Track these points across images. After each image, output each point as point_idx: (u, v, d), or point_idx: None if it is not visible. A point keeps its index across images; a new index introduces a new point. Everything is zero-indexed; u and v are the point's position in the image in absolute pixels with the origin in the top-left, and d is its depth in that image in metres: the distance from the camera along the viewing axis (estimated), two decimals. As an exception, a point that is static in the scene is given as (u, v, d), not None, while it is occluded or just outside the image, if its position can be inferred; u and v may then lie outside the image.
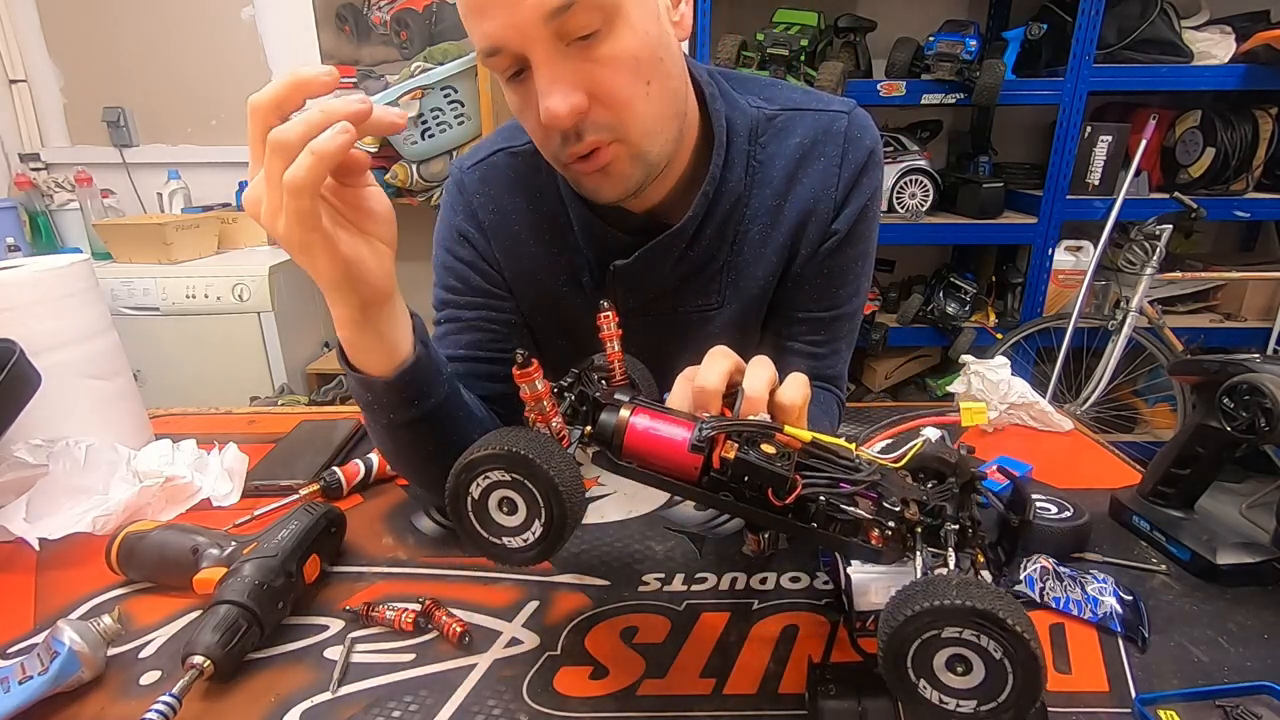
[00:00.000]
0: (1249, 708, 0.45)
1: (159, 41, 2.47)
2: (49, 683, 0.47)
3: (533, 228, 0.73)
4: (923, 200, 2.24)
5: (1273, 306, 2.35)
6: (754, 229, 0.72)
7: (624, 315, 0.71)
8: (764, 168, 0.71)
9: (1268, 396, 0.56)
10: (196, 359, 2.16)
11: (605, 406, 0.46)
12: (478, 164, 0.75)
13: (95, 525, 0.67)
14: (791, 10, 2.07)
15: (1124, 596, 0.56)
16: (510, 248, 0.74)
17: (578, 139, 0.58)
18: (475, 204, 0.74)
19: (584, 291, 0.75)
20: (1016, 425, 0.91)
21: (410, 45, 2.42)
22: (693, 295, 0.75)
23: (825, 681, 0.45)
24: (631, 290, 0.73)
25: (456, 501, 0.42)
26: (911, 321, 2.37)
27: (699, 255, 0.71)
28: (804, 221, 0.72)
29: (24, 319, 0.72)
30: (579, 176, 0.63)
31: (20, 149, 2.57)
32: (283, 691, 0.50)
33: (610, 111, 0.57)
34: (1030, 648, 0.35)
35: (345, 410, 1.03)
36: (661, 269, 0.71)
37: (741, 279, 0.74)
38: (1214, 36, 2.08)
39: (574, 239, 0.73)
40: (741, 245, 0.72)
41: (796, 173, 0.71)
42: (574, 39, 0.54)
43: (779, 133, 0.71)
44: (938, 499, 0.43)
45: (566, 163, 0.61)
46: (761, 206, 0.72)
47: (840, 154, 0.71)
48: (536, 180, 0.72)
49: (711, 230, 0.70)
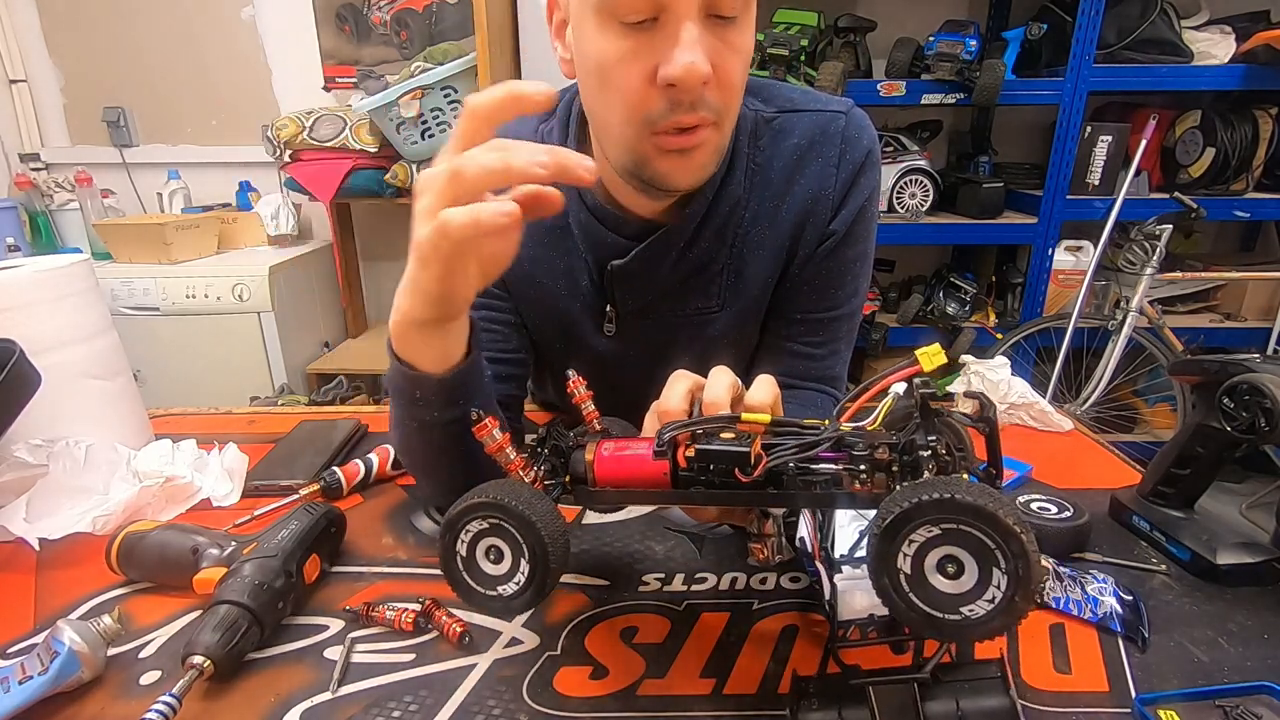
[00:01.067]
0: (1249, 708, 0.45)
1: (159, 41, 2.48)
2: (49, 683, 0.47)
3: (531, 231, 0.72)
4: (923, 200, 2.24)
5: (1273, 306, 2.35)
6: (753, 231, 0.72)
7: (624, 318, 0.72)
8: (762, 170, 0.71)
9: (1268, 396, 0.56)
10: (196, 359, 2.16)
11: (574, 449, 0.48)
12: None
13: (95, 525, 0.67)
14: (791, 10, 2.07)
15: (1124, 596, 0.56)
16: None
17: (690, 109, 0.56)
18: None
19: (583, 295, 0.75)
20: (1016, 425, 0.91)
21: (410, 45, 2.43)
22: (693, 297, 0.74)
23: (808, 695, 0.45)
24: (630, 292, 0.73)
25: (450, 565, 0.45)
26: (911, 321, 2.37)
27: (697, 256, 0.71)
28: (802, 222, 0.72)
29: (24, 319, 0.72)
30: (657, 155, 0.60)
31: (20, 149, 2.57)
32: (283, 691, 0.50)
33: (722, 95, 0.57)
34: (1022, 543, 0.33)
35: (345, 410, 1.03)
36: (660, 269, 0.71)
37: (741, 281, 0.74)
38: (1214, 36, 2.08)
39: (573, 242, 0.73)
40: (741, 248, 0.72)
41: (794, 174, 0.71)
42: (717, 15, 0.54)
43: (777, 134, 0.71)
44: (905, 435, 0.43)
45: (661, 131, 0.58)
46: (761, 209, 0.71)
47: (838, 154, 0.71)
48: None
49: (710, 232, 0.70)
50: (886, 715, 0.41)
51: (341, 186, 2.20)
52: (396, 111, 2.03)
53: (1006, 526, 0.34)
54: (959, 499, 0.34)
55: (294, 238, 2.49)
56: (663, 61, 0.54)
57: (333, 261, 2.53)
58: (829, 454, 0.43)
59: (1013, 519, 0.34)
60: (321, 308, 2.50)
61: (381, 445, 0.80)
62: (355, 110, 2.12)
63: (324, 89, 2.49)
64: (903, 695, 0.41)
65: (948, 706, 0.41)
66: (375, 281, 2.75)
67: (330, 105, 2.39)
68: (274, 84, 2.52)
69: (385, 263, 2.73)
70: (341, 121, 2.19)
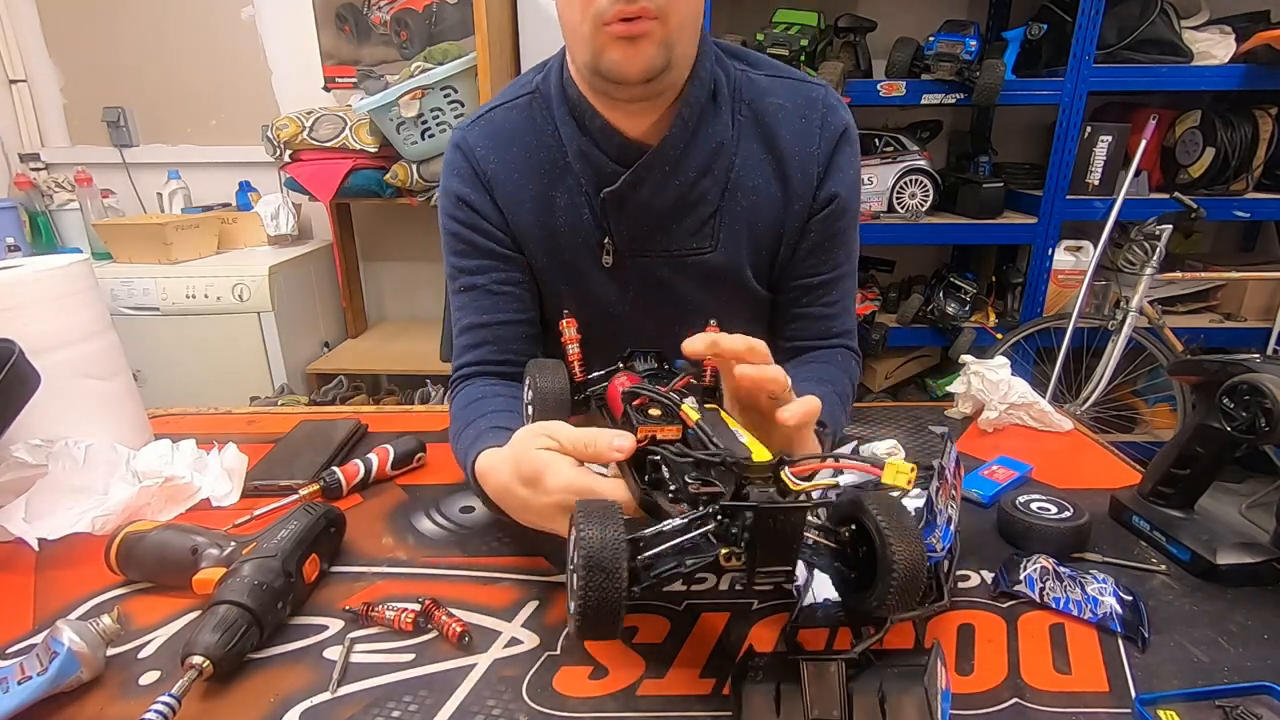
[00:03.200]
0: (1249, 708, 0.45)
1: (159, 41, 2.47)
2: (48, 683, 0.47)
3: (534, 170, 0.78)
4: (923, 200, 2.24)
5: (1273, 306, 2.35)
6: (745, 178, 0.77)
7: (621, 252, 0.80)
8: (749, 121, 0.77)
9: (1268, 396, 0.56)
10: (196, 359, 2.16)
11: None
12: (477, 120, 0.80)
13: (95, 525, 0.67)
14: (791, 10, 2.07)
15: (1124, 596, 0.56)
16: (513, 193, 0.78)
17: (630, 1, 0.63)
18: (478, 155, 0.78)
19: (584, 229, 0.79)
20: (1016, 425, 0.91)
21: (410, 45, 2.42)
22: (685, 235, 0.79)
23: (756, 668, 0.48)
24: (624, 220, 0.77)
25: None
26: (911, 322, 2.36)
27: (686, 187, 0.76)
28: (789, 175, 0.78)
29: (24, 319, 0.72)
30: (610, 41, 0.66)
31: (20, 149, 2.57)
32: (282, 691, 0.50)
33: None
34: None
35: (345, 410, 1.03)
36: (649, 194, 0.75)
37: (736, 223, 0.79)
38: (1214, 36, 2.08)
39: (573, 179, 0.77)
40: (735, 192, 0.78)
41: (780, 128, 0.77)
42: None
43: (763, 91, 0.78)
44: (709, 493, 0.45)
45: (608, 21, 0.64)
46: (751, 156, 0.77)
47: (820, 119, 0.78)
48: (532, 127, 0.77)
49: (697, 162, 0.75)
50: (815, 690, 0.44)
51: (341, 186, 2.20)
52: (396, 111, 2.03)
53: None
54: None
55: (294, 238, 2.49)
56: None
57: (333, 261, 2.53)
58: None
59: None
60: (321, 308, 2.50)
61: (381, 445, 0.80)
62: (355, 110, 2.12)
63: (324, 89, 2.49)
64: (832, 673, 0.45)
65: (870, 686, 0.45)
66: (375, 281, 2.75)
67: (330, 105, 2.39)
68: (274, 84, 2.52)
69: (385, 263, 2.73)
70: (341, 121, 2.19)
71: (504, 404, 0.73)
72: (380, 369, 2.41)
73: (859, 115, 1.57)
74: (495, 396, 0.75)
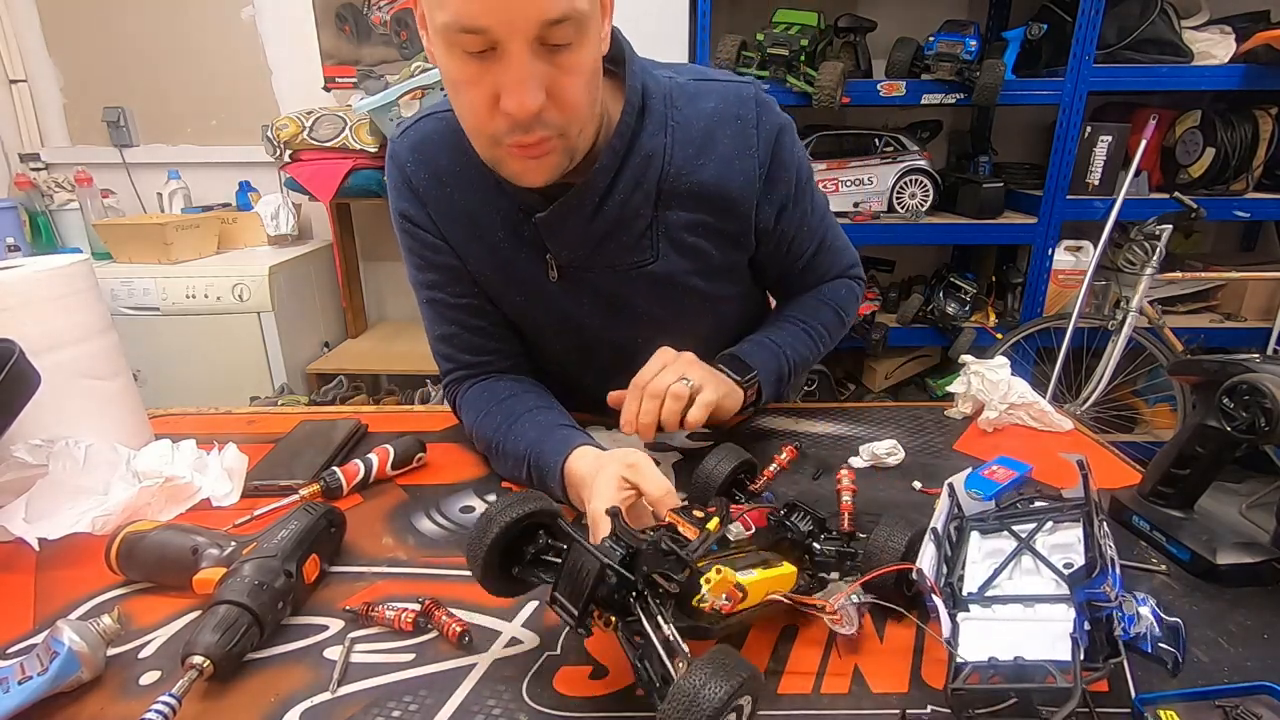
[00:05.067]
0: (1249, 708, 0.45)
1: (159, 41, 2.47)
2: (49, 683, 0.47)
3: (467, 184, 0.77)
4: (923, 200, 2.24)
5: (1273, 306, 2.35)
6: (678, 182, 0.76)
7: (565, 269, 0.80)
8: (681, 128, 0.76)
9: (1268, 396, 0.56)
10: (196, 359, 2.16)
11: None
12: (405, 131, 0.80)
13: (95, 525, 0.67)
14: (791, 10, 2.07)
15: (1165, 618, 0.52)
16: (447, 210, 0.78)
17: (528, 131, 0.63)
18: (408, 172, 0.78)
19: (526, 243, 0.78)
20: (1016, 425, 0.91)
21: (410, 45, 2.42)
22: (625, 251, 0.79)
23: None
24: (560, 244, 0.77)
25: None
26: (911, 321, 2.36)
27: (618, 209, 0.75)
28: (730, 176, 0.77)
29: (24, 319, 0.72)
30: (508, 159, 0.67)
31: (20, 149, 2.57)
32: (282, 691, 0.50)
33: (562, 113, 0.63)
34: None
35: (345, 410, 1.03)
36: (579, 223, 0.75)
37: (671, 230, 0.79)
38: (1214, 36, 2.08)
39: (505, 197, 0.77)
40: (668, 199, 0.77)
41: (715, 131, 0.77)
42: (550, 44, 0.59)
43: (693, 97, 0.77)
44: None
45: (506, 145, 0.65)
46: (684, 162, 0.76)
47: (755, 118, 0.77)
48: (461, 140, 0.73)
49: (626, 185, 0.74)
50: None
51: (341, 186, 2.20)
52: (396, 111, 2.03)
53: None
54: None
55: (294, 238, 2.49)
56: (501, 91, 0.60)
57: (333, 261, 2.53)
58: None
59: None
60: (321, 308, 2.50)
61: (381, 445, 0.80)
62: (355, 110, 2.12)
63: (324, 89, 2.49)
64: None
65: None
66: (375, 281, 2.75)
67: (330, 105, 2.39)
68: (274, 84, 2.52)
69: (385, 263, 2.73)
70: (341, 121, 2.19)
71: (536, 400, 0.81)
72: (380, 369, 2.40)
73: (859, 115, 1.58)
74: (525, 394, 0.82)
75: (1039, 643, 0.47)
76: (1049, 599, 0.51)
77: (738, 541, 0.53)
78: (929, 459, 0.83)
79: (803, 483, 0.77)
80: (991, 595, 0.53)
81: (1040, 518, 0.59)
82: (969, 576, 0.55)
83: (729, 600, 0.45)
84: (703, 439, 0.88)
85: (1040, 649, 0.47)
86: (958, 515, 0.63)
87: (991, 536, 0.60)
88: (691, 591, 0.45)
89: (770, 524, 0.58)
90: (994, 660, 0.46)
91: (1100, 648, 0.49)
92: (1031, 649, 0.47)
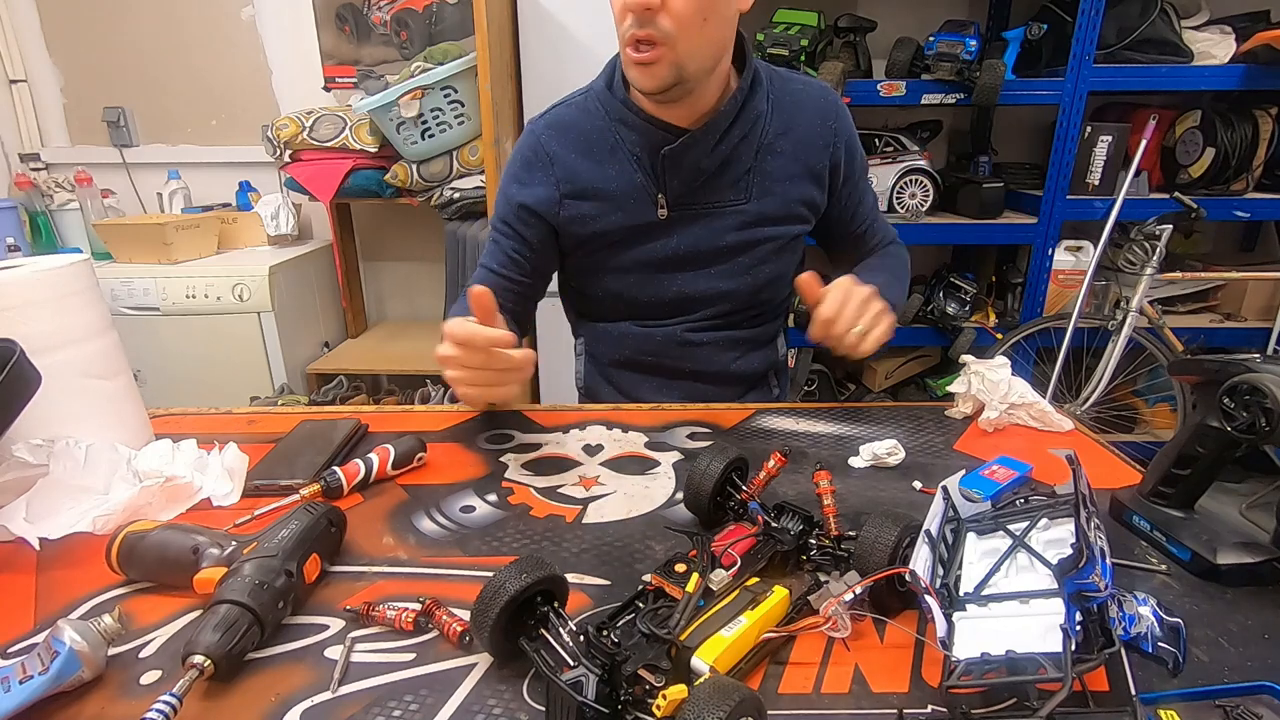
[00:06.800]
0: (1249, 708, 0.45)
1: (159, 41, 2.47)
2: (49, 682, 0.47)
3: (589, 150, 0.98)
4: (923, 200, 2.24)
5: (1273, 306, 2.35)
6: (776, 141, 0.98)
7: (673, 204, 0.99)
8: (779, 101, 0.99)
9: (1268, 396, 0.56)
10: (196, 359, 2.16)
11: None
12: (544, 115, 1.03)
13: (95, 525, 0.67)
14: (791, 10, 2.07)
15: (1166, 618, 0.52)
16: (571, 165, 0.98)
17: (641, 26, 0.81)
18: (543, 139, 0.99)
19: (638, 188, 0.97)
20: (1016, 425, 0.91)
21: (410, 45, 2.42)
22: (725, 189, 0.98)
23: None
24: (677, 176, 0.96)
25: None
26: (911, 321, 2.36)
27: (728, 151, 0.95)
28: (813, 142, 0.99)
29: (24, 319, 0.72)
30: (630, 61, 0.86)
31: (20, 149, 2.57)
32: (283, 691, 0.50)
33: (670, 22, 0.81)
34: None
35: (345, 410, 1.03)
36: (699, 155, 0.94)
37: (766, 181, 0.99)
38: (1214, 36, 2.08)
39: (624, 151, 0.96)
40: (765, 156, 0.98)
41: (803, 104, 0.99)
42: None
43: (786, 80, 1.01)
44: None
45: (629, 43, 0.84)
46: (781, 127, 0.98)
47: (834, 103, 1.01)
48: (590, 120, 0.98)
49: (738, 134, 0.95)
50: None
51: (341, 186, 2.20)
52: (396, 111, 2.03)
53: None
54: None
55: (294, 238, 2.49)
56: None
57: (333, 261, 2.53)
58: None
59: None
60: (321, 308, 2.50)
61: (382, 445, 0.80)
62: (355, 110, 2.12)
63: (324, 89, 2.49)
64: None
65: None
66: (375, 281, 2.75)
67: (330, 105, 2.39)
68: (274, 84, 2.52)
69: (385, 263, 2.73)
70: (341, 121, 2.19)
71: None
72: (380, 369, 2.41)
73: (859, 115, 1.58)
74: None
75: (1031, 636, 0.47)
76: (1042, 594, 0.51)
77: (721, 589, 0.53)
78: (929, 459, 0.83)
79: (802, 482, 0.77)
80: (988, 594, 0.53)
81: (1034, 515, 0.60)
82: (966, 577, 0.55)
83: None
84: (702, 439, 0.88)
85: (1033, 642, 0.47)
86: (953, 517, 0.63)
87: (988, 536, 0.60)
88: (684, 661, 0.46)
89: (757, 542, 0.58)
90: (986, 655, 0.46)
91: (1094, 639, 0.48)
92: (1024, 643, 0.47)
